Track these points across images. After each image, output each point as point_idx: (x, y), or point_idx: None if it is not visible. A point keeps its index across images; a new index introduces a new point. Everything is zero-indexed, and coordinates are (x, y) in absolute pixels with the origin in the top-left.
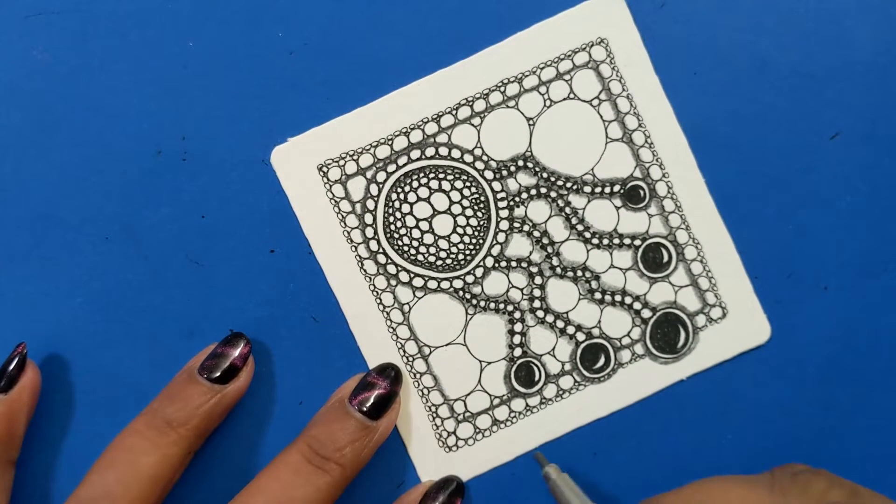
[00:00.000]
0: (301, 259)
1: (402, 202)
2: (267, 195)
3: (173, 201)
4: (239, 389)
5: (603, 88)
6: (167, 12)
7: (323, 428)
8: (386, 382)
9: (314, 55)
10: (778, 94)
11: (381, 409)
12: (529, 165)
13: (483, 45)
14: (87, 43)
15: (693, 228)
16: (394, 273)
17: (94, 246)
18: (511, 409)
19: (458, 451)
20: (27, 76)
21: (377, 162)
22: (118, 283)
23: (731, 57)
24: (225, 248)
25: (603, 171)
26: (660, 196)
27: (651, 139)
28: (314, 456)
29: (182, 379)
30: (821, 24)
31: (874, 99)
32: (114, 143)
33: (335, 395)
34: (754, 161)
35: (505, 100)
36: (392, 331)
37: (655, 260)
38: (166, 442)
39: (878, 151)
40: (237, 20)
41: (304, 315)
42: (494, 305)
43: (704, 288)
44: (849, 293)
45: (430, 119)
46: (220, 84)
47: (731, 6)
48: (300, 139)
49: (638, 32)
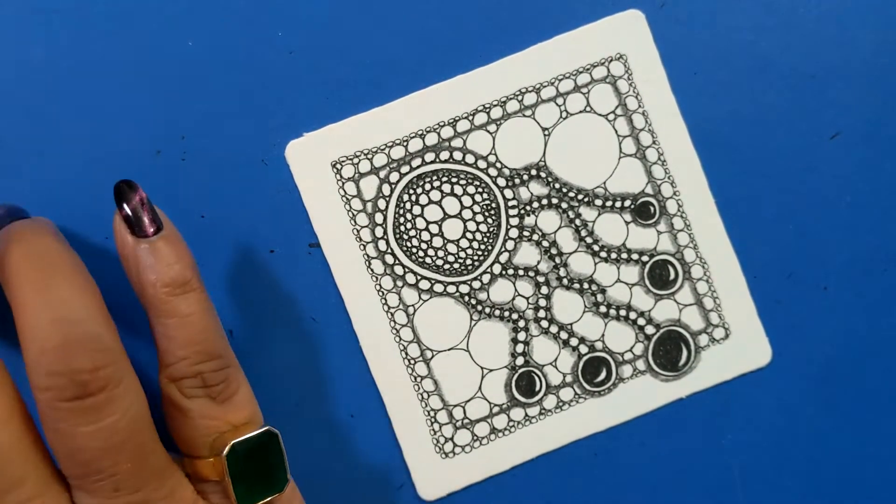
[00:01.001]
0: (301, 259)
1: (413, 204)
2: (267, 195)
3: (173, 201)
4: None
5: (619, 104)
6: (167, 12)
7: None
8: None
9: (315, 55)
10: (778, 94)
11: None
12: (542, 175)
13: (503, 53)
14: (87, 43)
15: (701, 248)
16: (401, 274)
17: (95, 246)
18: (510, 418)
19: (454, 457)
20: (27, 76)
21: (391, 162)
22: (118, 282)
23: (731, 57)
24: (225, 248)
25: (615, 185)
26: (670, 213)
27: (664, 157)
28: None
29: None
30: (821, 24)
31: (874, 99)
32: (114, 143)
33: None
34: (754, 161)
35: (522, 109)
36: (395, 332)
37: (662, 277)
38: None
39: (878, 151)
40: (237, 20)
41: (304, 315)
42: (499, 313)
43: (709, 308)
44: (849, 293)
45: (446, 123)
46: (219, 84)
47: (731, 6)
48: (316, 135)
49: (657, 51)
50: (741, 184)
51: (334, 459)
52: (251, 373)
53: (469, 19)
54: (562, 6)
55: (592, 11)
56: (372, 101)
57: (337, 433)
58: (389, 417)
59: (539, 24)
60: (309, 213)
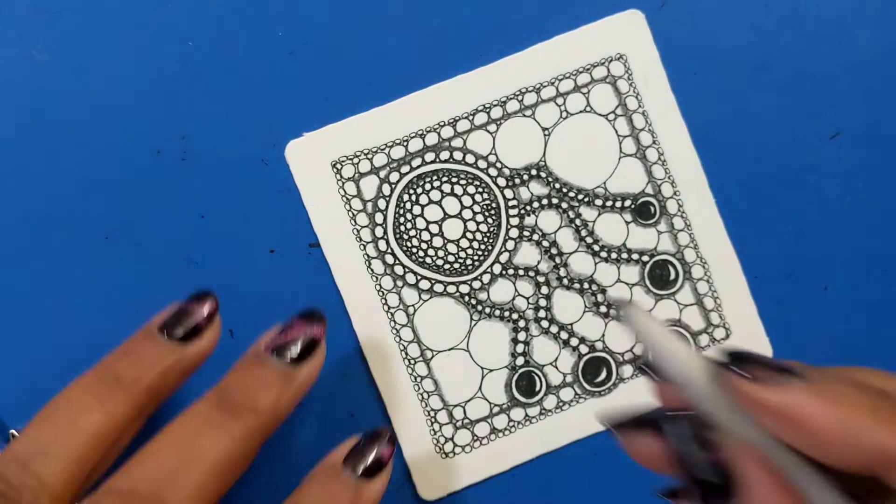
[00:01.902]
0: (301, 259)
1: (413, 204)
2: (267, 195)
3: (173, 201)
4: (200, 351)
5: (619, 104)
6: (167, 12)
7: (235, 376)
8: (308, 327)
9: (315, 55)
10: (778, 94)
11: (302, 356)
12: (542, 175)
13: (503, 53)
14: (87, 43)
15: (701, 248)
16: (401, 274)
17: (94, 246)
18: (510, 418)
19: (454, 457)
20: (27, 76)
21: (391, 162)
22: (118, 283)
23: (731, 57)
24: (225, 248)
25: (615, 185)
26: (670, 213)
27: (664, 156)
28: (224, 404)
29: (139, 335)
30: (821, 24)
31: (874, 99)
32: (114, 143)
33: (253, 345)
34: (754, 161)
35: (522, 109)
36: (395, 332)
37: (662, 277)
38: (113, 400)
39: (878, 151)
40: (237, 20)
41: None
42: (499, 313)
43: (709, 308)
44: (849, 293)
45: (446, 123)
46: (219, 84)
47: (731, 6)
48: (316, 134)
49: (657, 51)
50: (741, 183)
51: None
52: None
53: (469, 19)
54: (562, 6)
55: (592, 11)
56: (372, 101)
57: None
58: (389, 417)
59: (539, 24)
60: (309, 213)
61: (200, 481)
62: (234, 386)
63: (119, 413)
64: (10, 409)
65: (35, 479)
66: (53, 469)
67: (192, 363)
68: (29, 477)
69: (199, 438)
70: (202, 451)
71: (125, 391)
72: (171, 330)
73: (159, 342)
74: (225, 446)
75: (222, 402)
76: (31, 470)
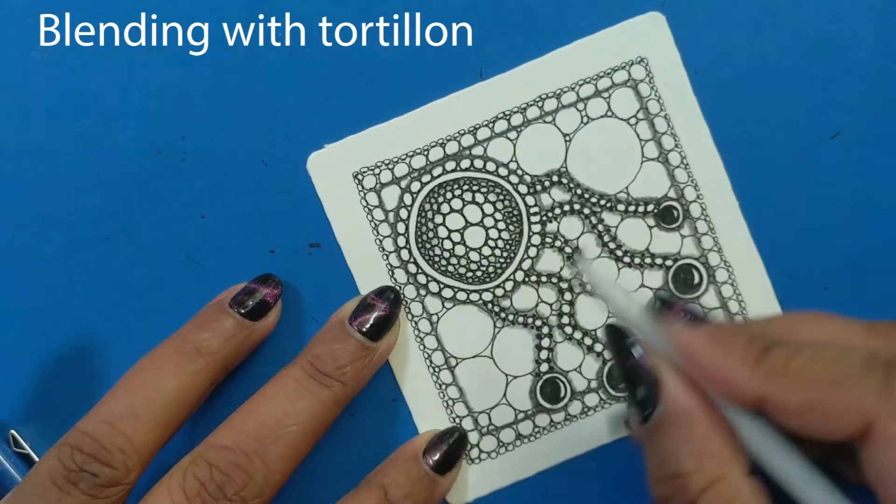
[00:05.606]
0: (301, 259)
1: (435, 213)
2: (267, 195)
3: (173, 201)
4: (267, 328)
5: (641, 107)
6: (167, 12)
7: (325, 347)
8: (385, 304)
9: (315, 55)
10: (778, 94)
11: (380, 331)
12: (564, 181)
13: (522, 59)
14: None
15: (725, 251)
16: (424, 283)
17: (94, 246)
18: (535, 425)
19: (480, 463)
20: (27, 76)
21: (412, 172)
22: (118, 283)
23: (731, 57)
24: (225, 248)
25: (637, 189)
26: (693, 217)
27: (687, 160)
28: (316, 372)
29: (213, 309)
30: (821, 24)
31: (874, 99)
32: (114, 143)
33: (335, 315)
34: (754, 161)
35: (542, 115)
36: (419, 340)
37: (686, 281)
38: (194, 369)
39: (878, 151)
40: (237, 20)
41: (305, 315)
42: (523, 320)
43: (734, 311)
44: (849, 293)
45: (466, 131)
46: (219, 84)
47: (731, 6)
48: (337, 146)
49: (678, 53)
50: (741, 184)
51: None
52: (252, 373)
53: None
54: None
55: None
56: (392, 111)
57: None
58: (415, 424)
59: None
60: (331, 224)
61: (293, 440)
62: (324, 356)
63: (198, 381)
64: (10, 409)
65: (124, 440)
66: (141, 429)
67: (259, 339)
68: (119, 437)
69: (295, 402)
70: (298, 413)
71: (204, 360)
72: (242, 306)
73: (233, 317)
74: (317, 411)
75: (314, 370)
76: (121, 430)
